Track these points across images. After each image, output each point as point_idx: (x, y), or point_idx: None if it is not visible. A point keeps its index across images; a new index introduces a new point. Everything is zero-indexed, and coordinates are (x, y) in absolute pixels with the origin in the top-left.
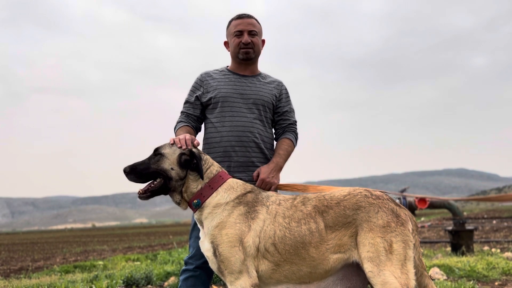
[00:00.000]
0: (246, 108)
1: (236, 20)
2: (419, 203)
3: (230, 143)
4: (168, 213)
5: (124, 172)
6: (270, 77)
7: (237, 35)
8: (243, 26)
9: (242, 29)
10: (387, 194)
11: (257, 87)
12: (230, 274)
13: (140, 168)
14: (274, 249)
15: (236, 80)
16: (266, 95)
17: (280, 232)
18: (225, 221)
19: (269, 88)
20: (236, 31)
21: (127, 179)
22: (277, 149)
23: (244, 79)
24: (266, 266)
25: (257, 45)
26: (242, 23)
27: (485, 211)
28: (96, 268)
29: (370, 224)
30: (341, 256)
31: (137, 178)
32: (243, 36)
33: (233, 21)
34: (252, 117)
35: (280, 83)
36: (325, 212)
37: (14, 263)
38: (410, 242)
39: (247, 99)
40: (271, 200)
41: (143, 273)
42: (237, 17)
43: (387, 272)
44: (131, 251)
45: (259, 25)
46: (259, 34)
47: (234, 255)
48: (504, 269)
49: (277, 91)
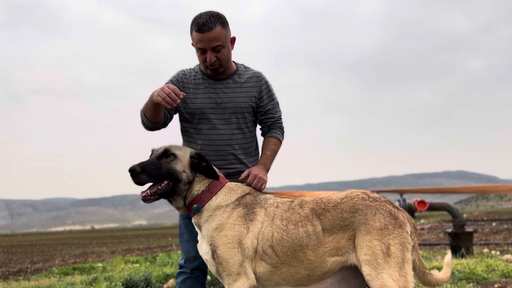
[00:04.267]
0: (224, 119)
1: (197, 33)
2: (419, 205)
3: (208, 157)
4: (167, 215)
5: (134, 171)
6: (248, 72)
7: (200, 52)
8: (205, 44)
9: (204, 47)
10: (385, 196)
11: (234, 92)
12: (228, 276)
13: (151, 168)
14: (272, 251)
15: (211, 87)
16: (244, 100)
17: (278, 234)
18: (225, 222)
19: (246, 90)
20: (198, 48)
21: (133, 180)
22: (264, 149)
23: (220, 84)
24: (264, 268)
25: (225, 57)
26: (203, 39)
27: (485, 213)
28: (95, 270)
29: (368, 226)
30: (339, 259)
31: (150, 179)
32: (207, 55)
33: (193, 31)
34: (231, 128)
35: (258, 77)
36: (323, 215)
37: (13, 265)
38: (408, 244)
39: (224, 109)
40: (269, 203)
41: (142, 275)
42: (197, 30)
43: (385, 275)
44: (130, 253)
45: (223, 31)
46: (225, 42)
47: (233, 257)
48: (503, 272)
49: (256, 90)
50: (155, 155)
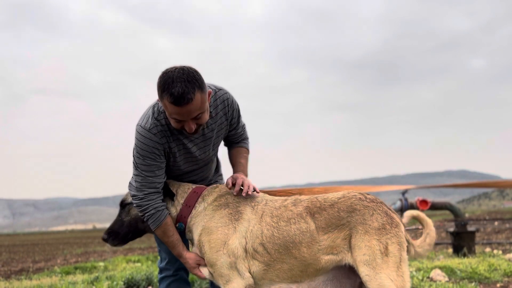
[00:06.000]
0: (203, 166)
1: (172, 105)
2: (421, 204)
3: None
4: None
5: (103, 239)
6: (216, 101)
7: (176, 120)
8: (184, 117)
9: (183, 119)
10: (379, 198)
11: (209, 143)
12: (220, 278)
13: (116, 228)
14: (263, 249)
15: (189, 143)
16: (219, 140)
17: (268, 231)
18: (207, 226)
19: (220, 127)
20: (173, 118)
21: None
22: (237, 158)
23: (202, 136)
24: (257, 267)
25: (205, 119)
26: (182, 112)
27: (487, 213)
28: (96, 269)
29: (366, 226)
30: (333, 258)
31: (119, 240)
32: (185, 124)
33: (165, 100)
34: (209, 167)
35: (225, 103)
36: (318, 213)
37: (14, 265)
38: (404, 244)
39: (204, 161)
40: (257, 200)
41: (143, 275)
42: (173, 102)
43: (383, 275)
44: (132, 252)
45: (203, 96)
46: (205, 106)
47: (219, 259)
48: (506, 271)
49: (226, 118)
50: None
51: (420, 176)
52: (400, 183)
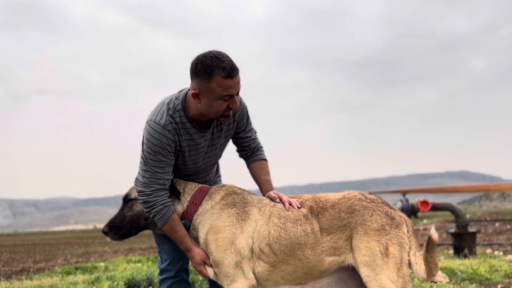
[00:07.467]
0: (208, 169)
1: (227, 79)
2: (422, 205)
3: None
4: None
5: (104, 232)
6: None
7: (224, 99)
8: (235, 89)
9: (234, 93)
10: (381, 198)
11: (216, 142)
12: (225, 278)
13: (117, 222)
14: (269, 250)
15: (201, 140)
16: (224, 145)
17: (275, 232)
18: (214, 225)
19: (227, 128)
20: (226, 94)
21: (111, 240)
22: (262, 174)
23: (211, 135)
24: (262, 268)
25: (238, 104)
26: (234, 84)
27: (488, 214)
28: (97, 269)
29: (365, 227)
30: (336, 259)
31: (120, 234)
32: (233, 101)
33: (216, 78)
34: (212, 170)
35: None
36: (321, 214)
37: (15, 265)
38: (406, 245)
39: (210, 163)
40: (264, 202)
41: (144, 275)
42: (228, 75)
43: (383, 276)
44: (133, 252)
45: None
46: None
47: (226, 258)
48: (506, 272)
49: (234, 119)
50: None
51: (421, 177)
52: (401, 184)
